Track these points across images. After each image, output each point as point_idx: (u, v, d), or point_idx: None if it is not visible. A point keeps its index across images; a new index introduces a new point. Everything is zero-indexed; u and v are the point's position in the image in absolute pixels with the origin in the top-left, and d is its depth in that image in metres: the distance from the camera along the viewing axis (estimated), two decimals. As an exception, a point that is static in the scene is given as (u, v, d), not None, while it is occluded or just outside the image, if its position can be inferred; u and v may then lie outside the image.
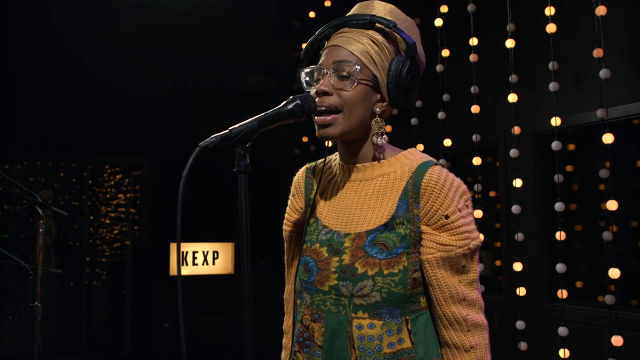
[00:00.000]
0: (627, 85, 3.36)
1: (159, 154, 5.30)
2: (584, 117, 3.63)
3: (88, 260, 5.81)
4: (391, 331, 1.36)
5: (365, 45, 1.40)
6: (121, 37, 5.09)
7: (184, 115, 5.27)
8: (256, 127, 1.25)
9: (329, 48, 1.44)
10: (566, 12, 3.66)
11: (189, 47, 5.23)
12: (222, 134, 1.21)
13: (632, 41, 3.39)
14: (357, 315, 1.36)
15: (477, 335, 1.38)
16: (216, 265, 5.37)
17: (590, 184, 3.93)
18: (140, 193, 5.56)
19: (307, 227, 1.53)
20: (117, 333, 5.70)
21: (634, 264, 3.62)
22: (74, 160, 5.59)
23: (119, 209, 5.96)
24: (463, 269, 1.38)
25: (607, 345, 3.26)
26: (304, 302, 1.46)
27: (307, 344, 1.43)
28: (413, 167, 1.42)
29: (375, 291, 1.34)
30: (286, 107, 1.34)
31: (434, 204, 1.36)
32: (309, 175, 1.61)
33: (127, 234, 5.85)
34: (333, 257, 1.41)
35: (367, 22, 1.40)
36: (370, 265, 1.35)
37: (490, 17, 3.90)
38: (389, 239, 1.38)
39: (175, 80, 5.22)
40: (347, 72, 1.39)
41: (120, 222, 5.94)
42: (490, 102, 4.09)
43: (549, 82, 3.37)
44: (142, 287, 5.29)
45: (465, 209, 1.40)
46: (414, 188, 1.39)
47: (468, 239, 1.37)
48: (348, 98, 1.39)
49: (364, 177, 1.47)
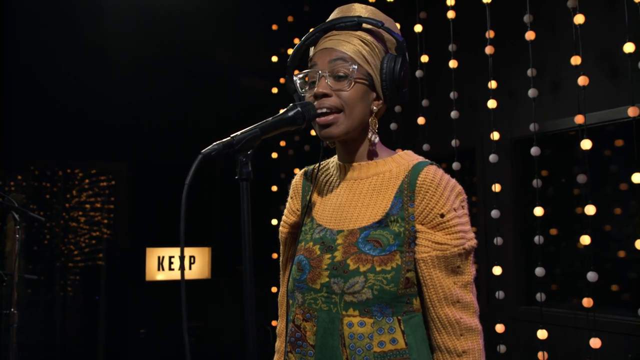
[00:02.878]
0: (602, 92, 3.43)
1: (135, 158, 5.24)
2: (560, 123, 3.70)
3: (59, 265, 5.70)
4: (382, 330, 1.34)
5: (357, 46, 1.41)
6: (98, 39, 5.02)
7: (161, 120, 5.22)
8: (258, 134, 1.24)
9: (320, 51, 1.44)
10: (543, 19, 3.72)
11: (166, 51, 5.18)
12: (224, 141, 1.20)
13: (607, 49, 3.46)
14: (348, 313, 1.35)
15: (470, 340, 1.36)
16: (193, 270, 5.32)
17: (564, 189, 4.00)
18: (115, 197, 5.49)
19: (302, 227, 1.52)
20: (91, 340, 5.60)
21: (608, 267, 3.69)
22: (47, 164, 5.49)
23: (91, 213, 5.87)
24: (458, 270, 1.37)
25: (584, 347, 3.31)
26: (296, 302, 1.45)
27: (299, 343, 1.42)
28: (409, 166, 1.43)
29: (366, 288, 1.33)
30: (287, 114, 1.33)
31: (430, 202, 1.36)
32: (307, 178, 1.62)
33: (102, 240, 5.76)
34: (325, 254, 1.40)
35: (355, 24, 1.40)
36: (362, 261, 1.34)
37: (468, 23, 3.95)
38: (383, 236, 1.37)
39: (153, 85, 5.16)
40: (344, 72, 1.39)
41: (94, 226, 5.85)
42: (467, 107, 4.13)
43: (525, 88, 3.41)
44: (118, 293, 5.22)
45: (460, 209, 1.40)
46: (409, 186, 1.39)
47: (463, 239, 1.36)
48: (348, 97, 1.39)
49: (359, 175, 1.48)
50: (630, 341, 3.22)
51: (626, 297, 3.63)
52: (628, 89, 3.06)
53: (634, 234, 3.66)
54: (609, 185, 3.77)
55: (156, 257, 5.22)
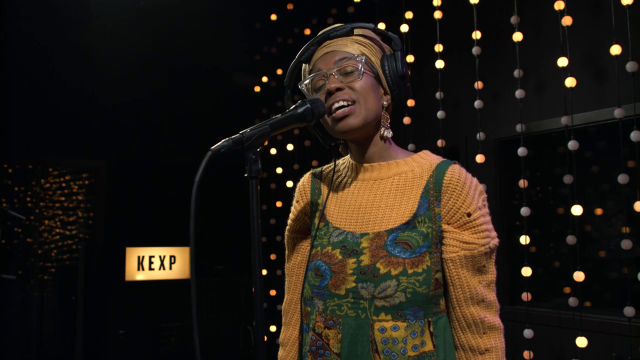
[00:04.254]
0: (586, 93, 3.46)
1: (115, 157, 5.16)
2: (544, 124, 3.73)
3: (32, 264, 5.59)
4: (415, 333, 1.32)
5: (357, 45, 1.42)
6: (74, 35, 4.93)
7: (141, 118, 5.15)
8: (268, 131, 1.22)
9: (321, 57, 1.44)
10: (527, 21, 3.75)
11: (145, 49, 5.10)
12: (234, 138, 1.17)
13: (591, 51, 3.49)
14: (379, 318, 1.32)
15: (493, 338, 1.37)
16: (173, 270, 5.25)
17: (546, 189, 4.04)
18: (95, 196, 5.39)
19: (316, 231, 1.48)
20: (69, 341, 5.51)
21: (589, 267, 3.73)
22: (22, 162, 5.38)
23: (70, 212, 5.77)
24: (483, 269, 1.37)
25: (569, 346, 3.35)
26: (316, 309, 1.40)
27: (322, 352, 1.37)
28: (432, 166, 1.42)
29: (399, 291, 1.30)
30: (297, 111, 1.31)
31: (456, 201, 1.36)
32: (315, 180, 1.58)
33: (81, 239, 5.66)
34: (349, 258, 1.36)
35: (348, 29, 1.42)
36: (393, 264, 1.31)
37: (455, 24, 3.95)
38: (412, 238, 1.34)
39: (132, 84, 5.08)
40: (352, 67, 1.39)
41: (72, 225, 5.75)
42: (450, 107, 4.14)
43: (509, 88, 3.43)
44: (97, 293, 5.13)
45: (484, 207, 1.40)
46: (435, 186, 1.38)
47: (488, 237, 1.37)
48: (360, 87, 1.39)
49: (379, 175, 1.45)
50: (614, 340, 3.26)
51: (607, 296, 3.67)
52: (613, 91, 3.10)
53: (614, 235, 3.71)
54: (589, 185, 3.81)
55: (136, 256, 5.15)
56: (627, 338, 2.94)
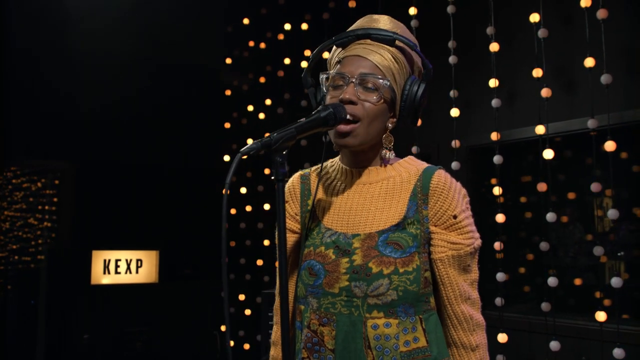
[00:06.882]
0: (558, 104, 3.56)
1: (81, 157, 5.04)
2: (516, 132, 3.82)
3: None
4: (407, 329, 1.38)
5: (389, 61, 1.44)
6: (44, 34, 4.81)
7: (109, 118, 5.04)
8: (294, 134, 1.25)
9: (351, 57, 1.46)
10: (502, 30, 3.83)
11: (115, 47, 5.01)
12: (263, 141, 1.19)
13: (563, 62, 3.60)
14: (372, 315, 1.38)
15: (479, 335, 1.47)
16: (140, 273, 5.16)
17: (516, 196, 4.14)
18: (59, 198, 5.25)
19: (307, 232, 1.52)
20: (30, 346, 5.35)
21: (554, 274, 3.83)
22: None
23: (34, 214, 5.61)
24: (468, 268, 1.46)
25: (541, 351, 3.43)
26: (310, 307, 1.45)
27: (317, 349, 1.43)
28: (419, 171, 1.49)
29: (391, 289, 1.36)
30: (321, 115, 1.34)
31: (443, 204, 1.43)
32: (305, 182, 1.61)
33: (44, 241, 5.50)
34: (342, 258, 1.42)
35: (392, 39, 1.43)
36: (385, 264, 1.38)
37: (431, 32, 4.01)
38: (402, 239, 1.41)
39: (102, 83, 4.97)
40: (374, 85, 1.42)
41: (35, 227, 5.59)
42: (424, 115, 4.19)
43: (482, 97, 3.50)
44: (60, 297, 5.00)
45: (467, 210, 1.48)
46: (422, 190, 1.44)
47: (473, 238, 1.46)
48: (371, 110, 1.42)
49: (369, 180, 1.51)
50: (583, 344, 3.35)
51: (572, 302, 3.78)
52: (585, 102, 3.20)
53: (580, 241, 3.83)
54: (555, 193, 3.92)
55: (102, 260, 5.04)
56: (596, 343, 3.03)
